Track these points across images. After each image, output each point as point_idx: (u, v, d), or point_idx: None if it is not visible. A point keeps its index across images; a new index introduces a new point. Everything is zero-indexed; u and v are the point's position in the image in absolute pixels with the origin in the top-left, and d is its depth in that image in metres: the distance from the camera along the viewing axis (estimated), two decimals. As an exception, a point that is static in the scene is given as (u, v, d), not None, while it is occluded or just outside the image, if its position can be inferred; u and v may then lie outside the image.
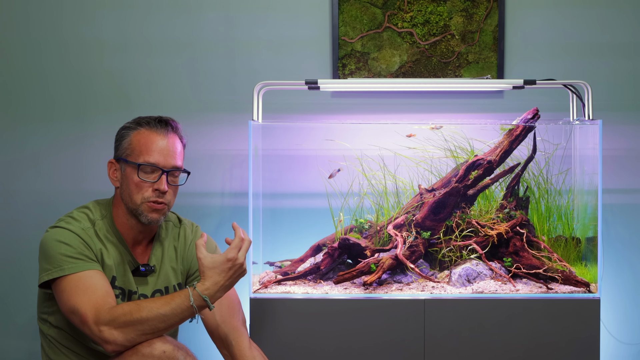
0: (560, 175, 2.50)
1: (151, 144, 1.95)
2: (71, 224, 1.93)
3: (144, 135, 1.96)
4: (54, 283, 1.88)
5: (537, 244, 2.37)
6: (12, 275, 2.69)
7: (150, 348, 1.79)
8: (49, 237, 1.90)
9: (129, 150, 1.96)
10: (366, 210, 2.47)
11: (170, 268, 2.07)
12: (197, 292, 1.78)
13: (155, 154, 1.95)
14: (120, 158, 1.98)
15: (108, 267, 1.95)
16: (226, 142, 2.68)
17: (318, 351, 2.23)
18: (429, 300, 2.22)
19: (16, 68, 2.68)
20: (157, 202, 1.96)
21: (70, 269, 1.86)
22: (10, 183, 2.69)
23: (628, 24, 2.67)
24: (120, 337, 1.77)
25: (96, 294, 1.83)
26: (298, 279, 2.35)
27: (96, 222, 1.97)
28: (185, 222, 2.14)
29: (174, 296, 1.80)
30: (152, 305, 1.78)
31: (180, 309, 1.78)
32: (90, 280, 1.86)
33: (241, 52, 2.67)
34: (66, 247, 1.88)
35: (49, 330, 1.99)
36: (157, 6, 2.67)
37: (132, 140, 1.96)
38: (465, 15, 2.65)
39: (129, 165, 1.95)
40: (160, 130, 1.98)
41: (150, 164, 1.94)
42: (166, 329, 1.81)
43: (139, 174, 1.94)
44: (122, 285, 1.98)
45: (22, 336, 2.70)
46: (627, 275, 2.70)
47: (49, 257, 1.88)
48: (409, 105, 2.67)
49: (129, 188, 1.96)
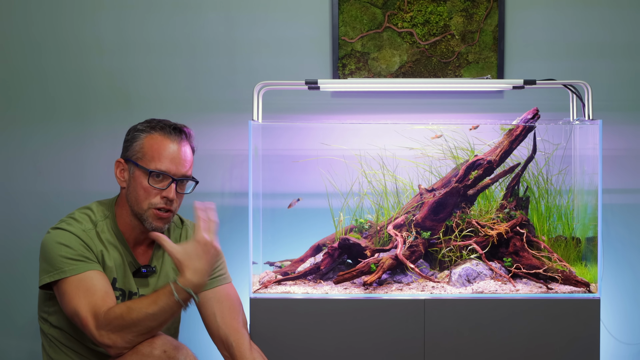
0: (560, 175, 2.49)
1: (163, 151, 1.95)
2: (72, 225, 1.93)
3: (157, 141, 1.96)
4: (56, 285, 1.89)
5: (537, 244, 2.37)
6: (13, 275, 2.69)
7: (151, 348, 1.79)
8: (50, 238, 1.90)
9: (140, 154, 1.95)
10: (366, 210, 2.47)
11: (172, 269, 2.07)
12: (180, 286, 1.76)
13: (167, 162, 1.95)
14: (129, 159, 1.97)
15: (109, 268, 1.95)
16: (226, 142, 2.68)
17: (318, 351, 2.23)
18: (429, 300, 2.22)
19: (16, 68, 2.68)
20: (164, 210, 1.96)
21: (70, 271, 1.86)
22: (10, 183, 2.69)
23: (628, 24, 2.67)
24: (119, 340, 1.78)
25: (95, 295, 1.83)
26: (298, 279, 2.35)
27: (98, 223, 1.97)
28: (187, 223, 2.14)
29: (159, 294, 1.78)
30: (141, 306, 1.78)
31: (168, 306, 1.77)
32: (90, 281, 1.86)
33: (241, 52, 2.67)
34: (66, 249, 1.88)
35: (50, 330, 1.99)
36: (157, 6, 2.67)
37: (144, 143, 1.96)
38: (465, 15, 2.65)
39: (139, 169, 1.95)
40: (173, 138, 1.97)
41: (161, 171, 1.94)
42: (160, 327, 1.80)
43: (149, 180, 1.94)
44: (122, 287, 1.99)
45: (23, 336, 2.70)
46: (627, 275, 2.70)
47: (50, 259, 1.88)
48: (409, 105, 2.67)
49: (136, 192, 1.95)
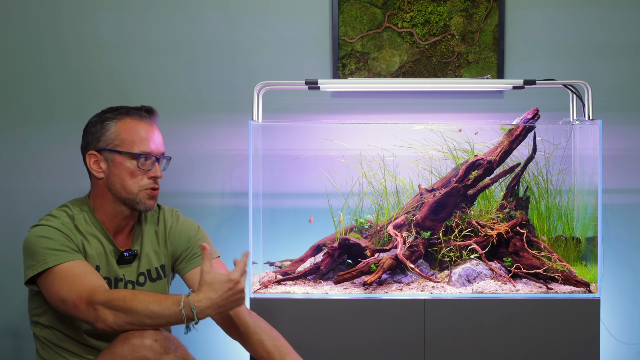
0: (560, 175, 2.49)
1: (143, 133, 1.99)
2: (50, 221, 1.95)
3: (132, 125, 2.00)
4: (40, 278, 1.89)
5: (537, 244, 2.37)
6: (13, 275, 2.69)
7: (142, 338, 1.79)
8: (31, 234, 1.93)
9: (119, 141, 1.98)
10: (366, 210, 2.47)
11: (152, 251, 2.09)
12: (189, 301, 1.77)
13: (149, 143, 2.00)
14: (104, 149, 1.98)
15: (91, 257, 1.96)
16: (226, 142, 2.68)
17: (318, 351, 2.23)
18: (429, 300, 2.22)
19: (16, 68, 2.68)
20: (154, 189, 2.01)
21: (53, 261, 1.87)
22: (10, 183, 2.69)
23: (628, 24, 2.67)
24: (111, 318, 1.78)
25: (86, 278, 1.85)
26: (298, 279, 2.35)
27: (75, 216, 1.99)
28: (163, 207, 2.17)
29: (167, 297, 1.79)
30: (146, 299, 1.79)
31: (169, 312, 1.77)
32: (77, 269, 1.87)
33: (241, 52, 2.67)
34: (47, 241, 1.89)
35: (41, 332, 1.99)
36: (157, 6, 2.67)
37: (119, 130, 1.98)
38: (465, 15, 2.65)
39: (122, 155, 1.97)
40: (147, 119, 2.03)
41: (146, 152, 1.98)
42: (151, 326, 1.80)
43: (138, 164, 1.97)
44: (107, 275, 1.99)
45: (22, 336, 2.70)
46: (627, 275, 2.70)
47: (33, 253, 1.89)
48: (409, 105, 2.67)
49: (121, 178, 1.98)
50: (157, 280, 2.09)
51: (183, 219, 2.16)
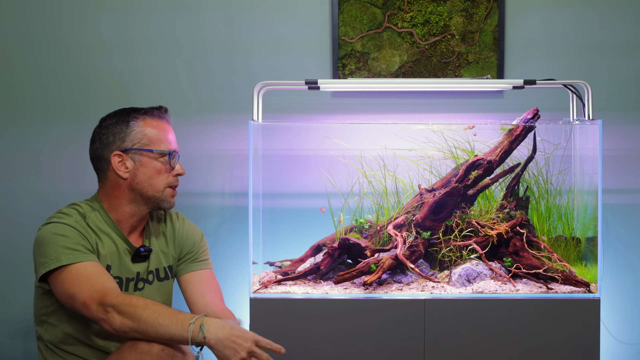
0: (560, 175, 2.50)
1: (166, 132, 2.04)
2: (64, 219, 1.93)
3: (156, 124, 2.03)
4: (52, 275, 1.87)
5: (537, 244, 2.37)
6: (13, 275, 2.69)
7: (150, 345, 1.79)
8: (46, 231, 1.90)
9: (146, 140, 1.99)
10: (366, 210, 2.47)
11: (160, 251, 2.09)
12: (201, 320, 1.77)
13: (172, 141, 2.04)
14: (130, 149, 1.98)
15: (102, 256, 1.96)
16: (226, 142, 2.68)
17: (318, 351, 2.23)
18: (429, 300, 2.22)
19: (16, 68, 2.68)
20: (175, 187, 2.06)
21: (67, 260, 1.86)
22: (10, 183, 2.69)
23: (628, 24, 2.67)
24: (118, 322, 1.78)
25: (99, 279, 1.85)
26: (298, 279, 2.35)
27: (87, 214, 1.98)
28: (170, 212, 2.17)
29: (178, 313, 1.79)
30: (157, 310, 1.78)
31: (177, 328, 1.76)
32: (91, 269, 1.87)
33: (241, 52, 2.67)
34: (63, 239, 1.88)
35: (46, 333, 1.97)
36: (157, 6, 2.67)
37: (144, 129, 2.00)
38: (465, 15, 2.65)
39: (153, 153, 1.99)
40: (166, 118, 2.06)
41: (172, 150, 2.03)
42: (154, 339, 1.78)
43: (170, 162, 2.01)
44: (118, 274, 1.99)
45: (22, 336, 2.70)
46: (627, 275, 2.70)
47: (47, 251, 1.87)
48: (409, 105, 2.67)
49: (149, 176, 1.99)
50: (165, 280, 2.09)
51: (188, 222, 2.18)
